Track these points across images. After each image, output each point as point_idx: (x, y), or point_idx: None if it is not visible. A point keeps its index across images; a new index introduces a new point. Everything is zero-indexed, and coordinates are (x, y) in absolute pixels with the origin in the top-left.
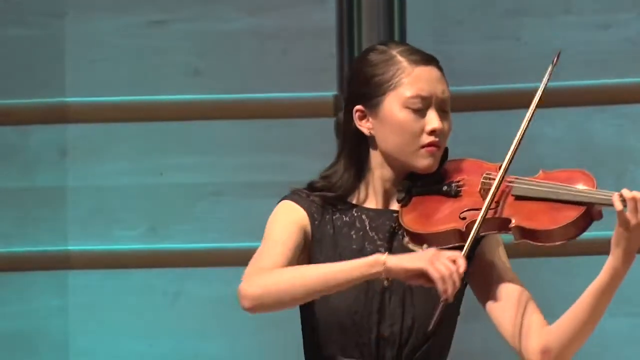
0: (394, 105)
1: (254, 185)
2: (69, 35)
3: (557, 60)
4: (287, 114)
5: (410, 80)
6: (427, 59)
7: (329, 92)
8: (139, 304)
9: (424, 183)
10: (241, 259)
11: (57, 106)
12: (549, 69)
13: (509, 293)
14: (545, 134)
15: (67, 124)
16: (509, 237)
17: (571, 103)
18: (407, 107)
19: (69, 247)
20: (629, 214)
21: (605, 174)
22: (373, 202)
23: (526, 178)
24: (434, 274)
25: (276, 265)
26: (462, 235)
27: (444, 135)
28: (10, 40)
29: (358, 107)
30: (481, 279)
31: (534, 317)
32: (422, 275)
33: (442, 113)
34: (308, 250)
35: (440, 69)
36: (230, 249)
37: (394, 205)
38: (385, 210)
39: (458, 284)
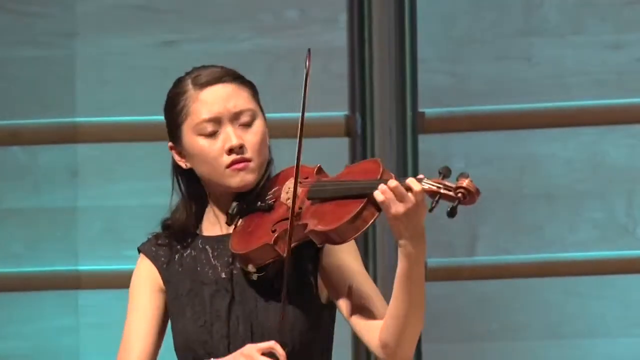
0: (189, 136)
1: None
2: (79, 55)
3: (309, 60)
4: (298, 134)
5: (196, 107)
6: (216, 78)
7: (340, 112)
8: None
9: (249, 201)
10: None
11: (68, 126)
12: (306, 69)
13: (356, 293)
14: (556, 154)
15: (77, 144)
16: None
17: (582, 123)
18: (200, 134)
19: (80, 267)
20: (391, 203)
21: (616, 193)
22: (218, 229)
23: (324, 179)
24: None
25: (141, 355)
26: (274, 248)
27: (251, 147)
28: (21, 61)
29: (169, 144)
30: (329, 282)
31: (376, 313)
32: None
33: (243, 126)
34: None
35: (234, 81)
36: None
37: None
38: (227, 235)
39: None
